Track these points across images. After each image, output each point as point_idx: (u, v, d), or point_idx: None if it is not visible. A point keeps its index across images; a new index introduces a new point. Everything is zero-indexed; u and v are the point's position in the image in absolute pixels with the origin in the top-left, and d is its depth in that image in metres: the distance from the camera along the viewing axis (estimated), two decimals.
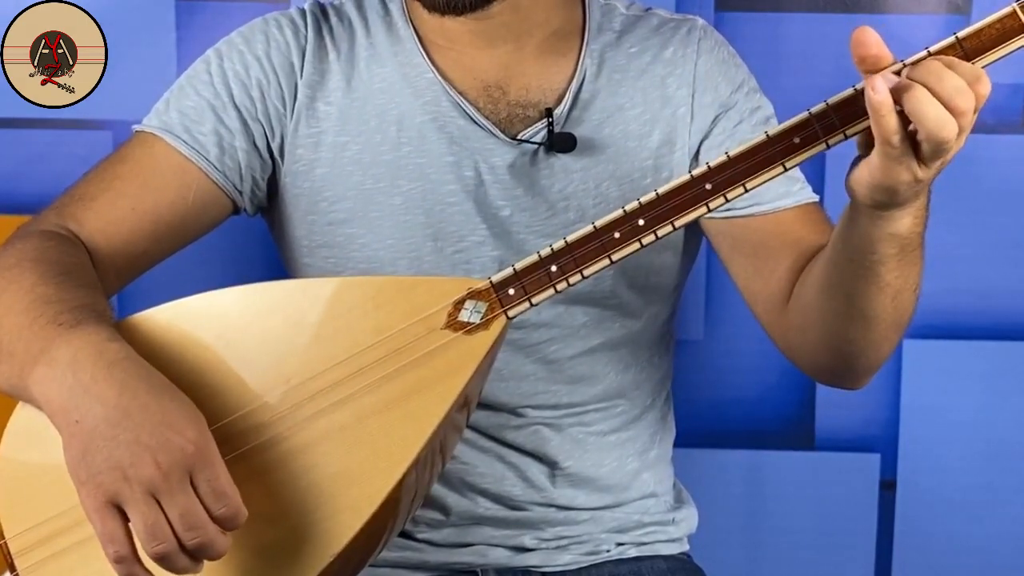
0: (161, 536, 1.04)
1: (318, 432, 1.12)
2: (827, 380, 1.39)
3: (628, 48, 1.41)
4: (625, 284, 1.40)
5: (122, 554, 1.05)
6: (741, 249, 1.38)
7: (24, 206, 1.72)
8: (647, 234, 1.11)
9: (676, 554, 1.49)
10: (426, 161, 1.37)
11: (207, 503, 1.05)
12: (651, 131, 1.39)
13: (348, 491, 1.10)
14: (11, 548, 1.14)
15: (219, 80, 1.37)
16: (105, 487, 1.05)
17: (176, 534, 1.04)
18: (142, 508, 1.04)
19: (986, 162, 1.72)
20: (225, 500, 1.05)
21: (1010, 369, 1.78)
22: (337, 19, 1.41)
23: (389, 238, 1.37)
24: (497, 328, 1.14)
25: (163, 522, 1.04)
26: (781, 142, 1.09)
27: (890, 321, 1.23)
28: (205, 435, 1.06)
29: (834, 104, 1.08)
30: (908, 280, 1.20)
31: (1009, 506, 1.81)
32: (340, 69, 1.38)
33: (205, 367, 1.11)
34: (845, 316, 1.23)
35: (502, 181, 1.37)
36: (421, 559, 1.42)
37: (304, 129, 1.38)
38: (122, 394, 1.06)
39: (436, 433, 1.11)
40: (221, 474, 1.05)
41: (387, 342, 1.13)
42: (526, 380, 1.40)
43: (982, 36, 1.06)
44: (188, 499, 1.04)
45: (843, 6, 1.72)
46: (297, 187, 1.39)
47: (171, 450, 1.04)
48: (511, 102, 1.37)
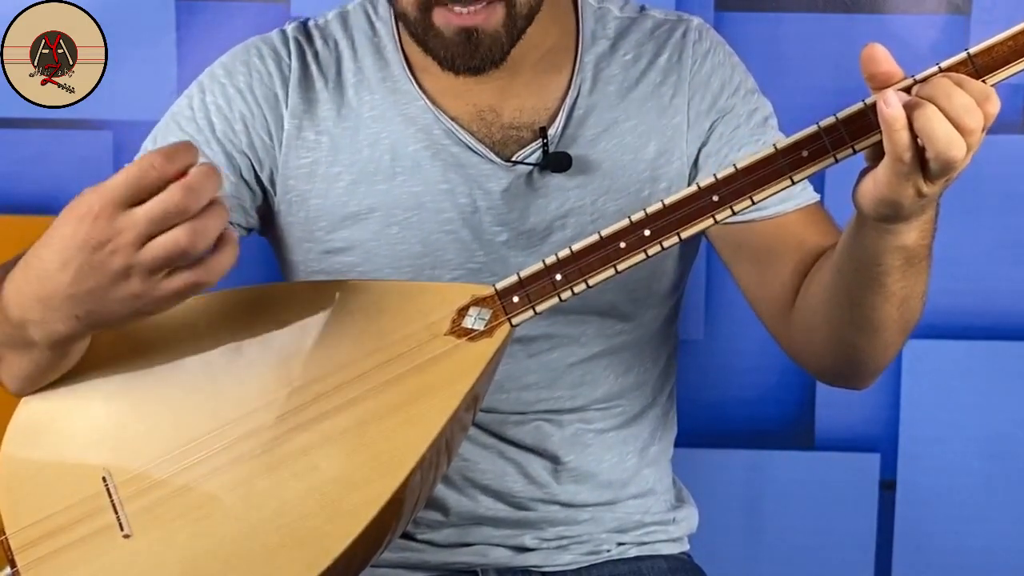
0: (193, 281, 1.04)
1: (320, 435, 1.12)
2: (832, 381, 1.39)
3: (623, 56, 1.40)
4: (625, 296, 1.39)
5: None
6: (744, 254, 1.38)
7: (24, 206, 1.72)
8: (652, 245, 1.11)
9: (676, 554, 1.49)
10: (421, 190, 1.36)
11: (139, 186, 1.01)
12: (647, 142, 1.38)
13: (349, 495, 1.10)
14: (12, 544, 1.15)
15: (201, 115, 1.37)
16: (146, 295, 1.04)
17: (157, 254, 1.02)
18: (170, 287, 1.04)
19: (986, 162, 1.71)
20: (145, 169, 1.01)
21: (1010, 369, 1.78)
22: (322, 41, 1.40)
23: (386, 267, 1.36)
24: (501, 335, 1.14)
25: (182, 276, 1.03)
26: (789, 155, 1.09)
27: (896, 328, 1.23)
28: (81, 198, 1.03)
29: (844, 118, 1.08)
30: (914, 289, 1.20)
31: (1009, 506, 1.81)
32: (329, 97, 1.38)
33: (209, 369, 1.11)
34: (851, 323, 1.23)
35: (497, 207, 1.36)
36: (421, 559, 1.42)
37: (295, 160, 1.37)
38: (46, 280, 1.05)
39: (438, 439, 1.11)
40: (120, 175, 1.02)
41: (390, 347, 1.13)
42: (528, 389, 1.40)
43: (994, 53, 1.05)
44: (157, 245, 1.02)
45: (843, 6, 1.72)
46: (292, 215, 1.38)
47: (102, 247, 1.02)
48: (505, 124, 1.36)
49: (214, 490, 1.12)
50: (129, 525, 1.13)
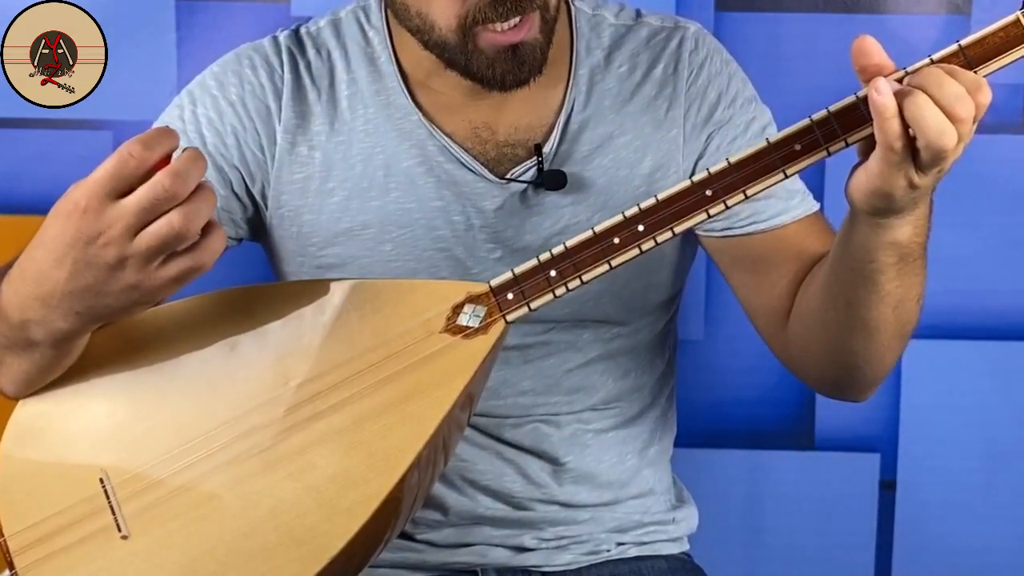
0: (189, 266, 1.04)
1: (316, 434, 1.12)
2: (830, 392, 1.38)
3: (617, 68, 1.38)
4: (622, 308, 1.39)
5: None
6: (741, 264, 1.38)
7: (24, 206, 1.72)
8: (646, 239, 1.11)
9: (676, 554, 1.49)
10: (415, 207, 1.35)
11: (126, 174, 1.01)
12: (643, 157, 1.37)
13: (346, 494, 1.10)
14: (10, 546, 1.15)
15: (192, 128, 1.36)
16: (143, 285, 1.05)
17: (148, 245, 1.02)
18: (168, 274, 1.04)
19: (986, 162, 1.72)
20: (124, 158, 1.01)
21: (1010, 369, 1.78)
22: (315, 51, 1.38)
23: None
24: (496, 333, 1.14)
25: (178, 262, 1.04)
26: (782, 148, 1.09)
27: (892, 332, 1.23)
28: (68, 193, 1.03)
29: (836, 111, 1.08)
30: (910, 291, 1.20)
31: (1009, 506, 1.81)
32: (322, 111, 1.36)
33: (205, 369, 1.11)
34: (846, 326, 1.23)
35: (491, 225, 1.35)
36: (421, 559, 1.42)
37: (288, 175, 1.36)
38: (43, 280, 1.06)
39: (434, 437, 1.11)
40: (102, 166, 1.02)
41: (386, 345, 1.13)
42: (524, 395, 1.40)
43: (985, 44, 1.06)
44: (151, 233, 1.02)
45: (843, 6, 1.72)
46: (284, 230, 1.38)
47: (94, 242, 1.02)
48: (500, 142, 1.35)
49: (211, 490, 1.12)
50: (127, 526, 1.13)
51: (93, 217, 1.02)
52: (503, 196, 1.35)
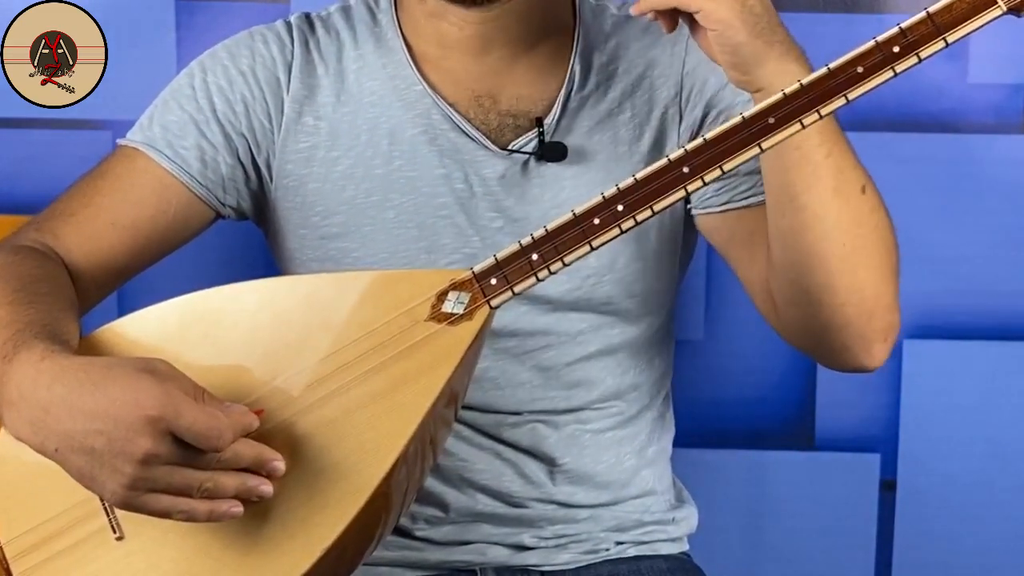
0: (180, 509, 1.05)
1: (305, 427, 1.12)
2: (835, 356, 1.34)
3: (617, 51, 1.41)
4: (623, 291, 1.40)
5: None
6: (738, 239, 1.38)
7: (24, 206, 1.72)
8: (626, 219, 1.11)
9: (676, 554, 1.49)
10: (418, 174, 1.37)
11: (200, 445, 1.03)
12: (641, 135, 1.39)
13: (337, 485, 1.10)
14: (7, 552, 1.15)
15: (202, 94, 1.37)
16: (119, 498, 1.06)
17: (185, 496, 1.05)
18: (149, 505, 1.05)
19: (986, 162, 1.72)
20: (212, 435, 1.03)
21: (1010, 369, 1.78)
22: (324, 31, 1.41)
23: (382, 252, 1.36)
24: (481, 318, 1.14)
25: (170, 500, 1.05)
26: (756, 122, 1.10)
27: (845, 227, 1.23)
28: (159, 389, 1.04)
29: (808, 83, 1.10)
30: (843, 163, 1.22)
31: (1009, 506, 1.81)
32: (329, 83, 1.39)
33: (193, 366, 1.11)
34: (798, 228, 1.23)
35: (493, 193, 1.37)
36: (420, 557, 1.42)
37: (293, 145, 1.38)
38: (71, 415, 1.05)
39: (423, 425, 1.11)
40: (195, 416, 1.03)
41: (372, 336, 1.13)
42: (522, 387, 1.40)
43: (953, 10, 1.08)
44: (170, 473, 1.04)
45: (843, 6, 1.72)
46: (288, 201, 1.39)
47: (129, 450, 1.03)
48: (502, 111, 1.37)
49: None
50: (120, 528, 1.13)
51: (145, 442, 1.02)
52: (504, 165, 1.36)
